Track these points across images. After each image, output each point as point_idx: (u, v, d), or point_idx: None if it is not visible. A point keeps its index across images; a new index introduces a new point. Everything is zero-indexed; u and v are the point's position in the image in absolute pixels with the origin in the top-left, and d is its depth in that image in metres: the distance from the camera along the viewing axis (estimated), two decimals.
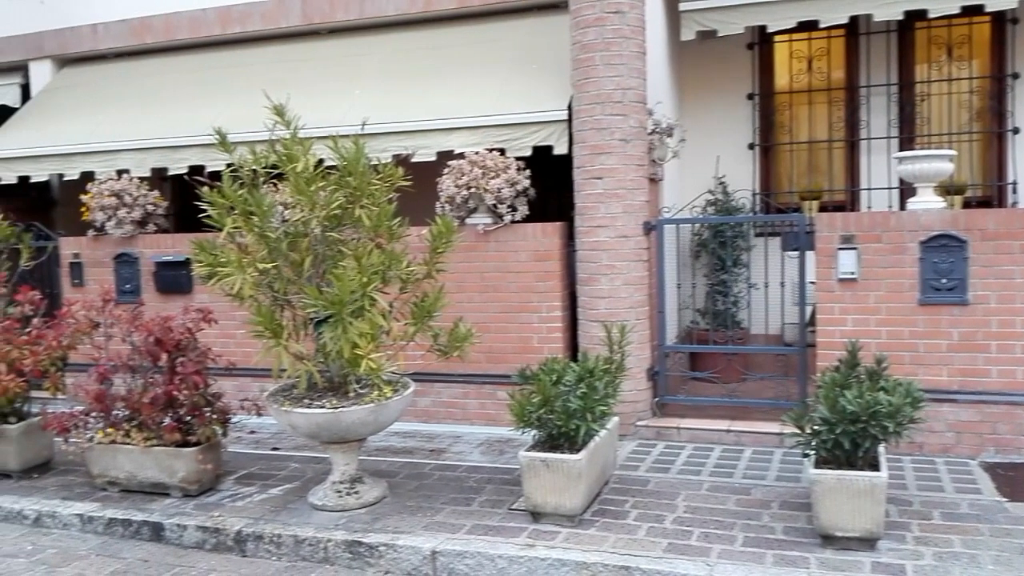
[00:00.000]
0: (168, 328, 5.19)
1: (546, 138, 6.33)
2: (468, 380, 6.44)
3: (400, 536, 4.45)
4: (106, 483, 5.36)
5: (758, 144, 7.86)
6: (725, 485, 5.04)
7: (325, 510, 4.87)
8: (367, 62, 7.60)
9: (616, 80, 5.76)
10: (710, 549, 4.16)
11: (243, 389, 6.40)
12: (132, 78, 8.43)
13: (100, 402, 5.29)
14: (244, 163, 4.82)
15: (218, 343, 6.01)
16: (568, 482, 4.39)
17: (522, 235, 6.28)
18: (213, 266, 4.58)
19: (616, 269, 5.82)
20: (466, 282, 6.28)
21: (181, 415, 5.20)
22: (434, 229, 5.02)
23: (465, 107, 6.65)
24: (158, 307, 6.72)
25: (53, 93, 8.68)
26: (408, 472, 5.52)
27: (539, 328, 6.28)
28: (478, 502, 4.91)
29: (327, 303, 4.45)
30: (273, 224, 4.74)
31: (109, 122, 7.87)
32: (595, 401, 4.48)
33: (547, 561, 4.11)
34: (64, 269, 7.64)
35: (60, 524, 5.11)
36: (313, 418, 4.70)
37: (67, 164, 7.81)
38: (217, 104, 7.45)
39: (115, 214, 7.24)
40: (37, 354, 5.61)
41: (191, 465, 5.15)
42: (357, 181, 4.68)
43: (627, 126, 5.78)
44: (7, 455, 5.70)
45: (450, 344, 5.09)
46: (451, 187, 6.25)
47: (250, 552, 4.63)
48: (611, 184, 5.78)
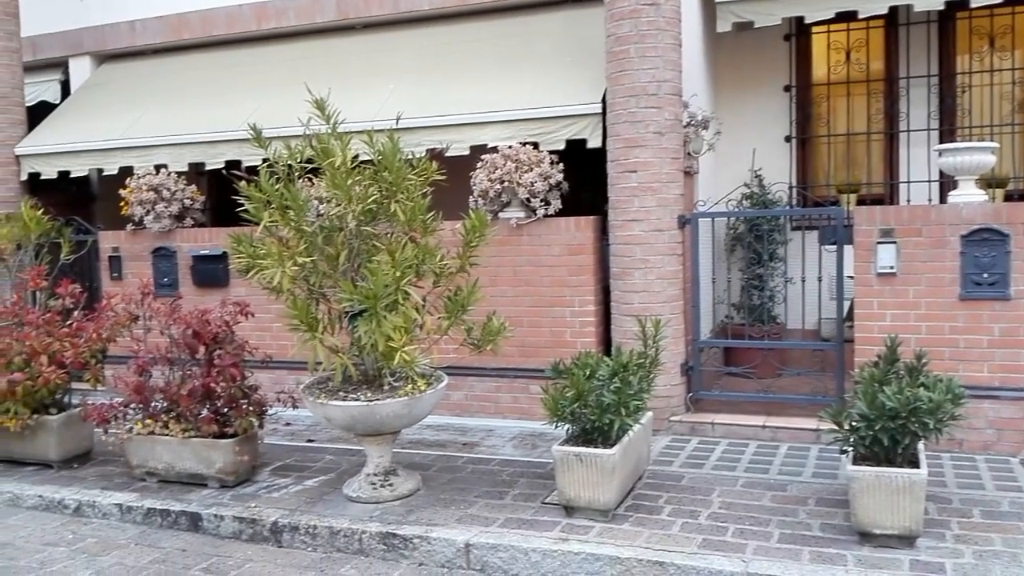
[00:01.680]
0: (206, 321, 5.25)
1: (580, 132, 6.30)
2: (501, 374, 6.45)
3: (434, 528, 4.47)
4: (144, 473, 5.45)
5: (795, 137, 7.77)
6: (760, 481, 4.99)
7: (360, 502, 4.91)
8: (401, 57, 7.62)
9: (651, 73, 5.72)
10: (745, 545, 4.13)
11: (279, 382, 6.46)
12: (169, 74, 8.54)
13: (139, 394, 5.37)
14: (280, 158, 4.87)
15: (254, 336, 6.08)
16: (602, 477, 4.38)
17: (555, 229, 6.27)
18: (252, 259, 4.63)
19: (650, 263, 5.78)
20: (499, 276, 6.28)
21: (218, 407, 5.27)
22: (467, 223, 5.02)
23: (498, 101, 6.64)
24: (195, 300, 6.80)
25: (92, 89, 8.81)
26: (441, 465, 5.54)
27: (572, 322, 6.27)
28: (511, 496, 4.92)
29: (362, 297, 4.47)
30: (309, 218, 4.77)
31: (147, 118, 7.97)
32: (629, 396, 4.46)
33: (580, 555, 4.10)
34: (103, 263, 7.77)
35: (100, 513, 5.20)
36: (348, 410, 4.74)
37: (106, 159, 7.93)
38: (253, 99, 7.52)
39: (153, 208, 7.34)
40: (78, 346, 5.71)
41: (228, 456, 5.21)
42: (392, 176, 4.70)
43: (662, 119, 5.73)
44: (48, 445, 5.81)
45: (483, 338, 5.10)
46: (484, 181, 6.25)
47: (286, 543, 4.68)
48: (645, 177, 5.74)
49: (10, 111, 8.24)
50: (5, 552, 4.74)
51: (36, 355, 5.58)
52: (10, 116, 8.24)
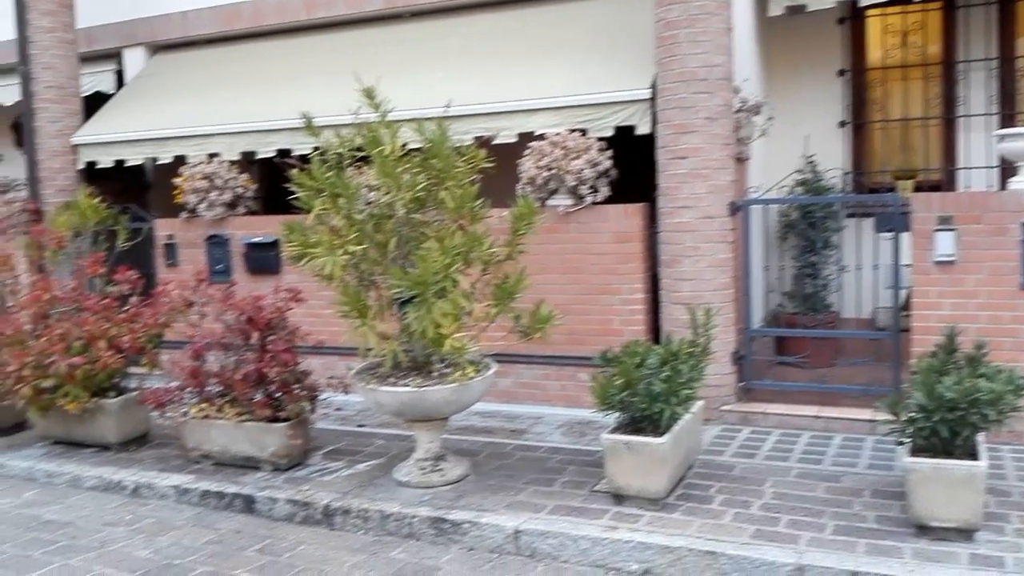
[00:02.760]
0: (259, 307, 5.33)
1: (628, 118, 6.24)
2: (549, 362, 6.44)
3: (483, 514, 4.49)
4: (200, 456, 5.56)
5: (849, 122, 7.61)
6: (814, 472, 4.92)
7: (410, 486, 4.95)
8: (449, 44, 7.62)
9: (701, 57, 5.64)
10: (799, 536, 4.08)
11: (329, 367, 6.53)
12: (221, 64, 8.65)
13: (194, 378, 5.47)
14: (330, 146, 4.90)
15: (305, 322, 6.13)
16: (652, 465, 4.36)
17: (603, 216, 6.23)
18: (303, 247, 4.68)
19: (700, 251, 5.72)
20: (547, 264, 6.26)
21: (271, 391, 5.35)
22: (515, 211, 5.01)
23: (546, 88, 6.61)
24: (248, 287, 6.89)
25: (146, 79, 8.96)
26: (490, 451, 5.56)
27: (620, 310, 6.23)
28: (560, 483, 4.92)
29: (411, 284, 4.50)
30: (359, 206, 4.81)
31: (200, 107, 8.09)
32: (679, 384, 4.43)
33: (631, 544, 4.09)
34: (158, 250, 7.91)
35: (157, 495, 5.32)
36: (398, 396, 4.78)
37: (160, 148, 8.06)
38: (303, 88, 7.58)
39: (207, 197, 7.45)
40: (135, 331, 5.84)
41: (281, 440, 5.29)
42: (441, 163, 4.71)
43: (713, 104, 5.66)
44: (107, 428, 5.95)
45: (532, 325, 5.09)
46: (532, 168, 6.23)
47: (338, 526, 4.74)
48: (696, 164, 5.67)
49: (67, 101, 8.42)
50: (67, 531, 4.88)
51: (95, 340, 5.71)
52: (67, 106, 8.42)
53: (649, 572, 4.04)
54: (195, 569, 4.32)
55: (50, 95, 8.28)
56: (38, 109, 8.27)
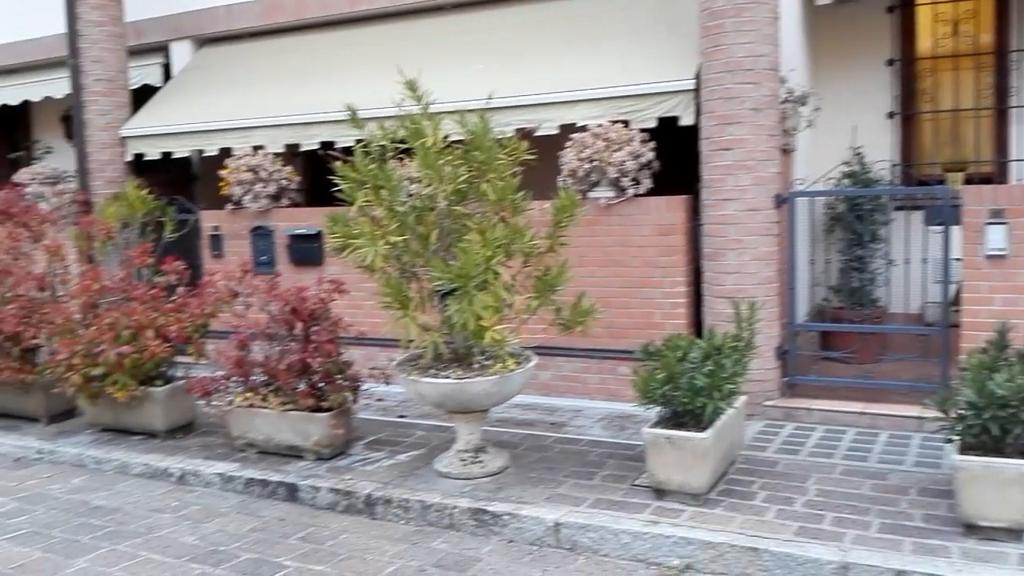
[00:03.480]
0: (303, 298, 5.39)
1: (672, 109, 6.18)
2: (589, 355, 6.42)
3: (523, 506, 4.50)
4: (244, 444, 5.63)
5: (898, 113, 7.45)
6: (859, 469, 4.85)
7: (450, 477, 4.97)
8: (490, 36, 7.61)
9: (747, 47, 5.56)
10: (844, 534, 4.02)
11: (371, 358, 6.58)
12: (265, 56, 8.73)
13: (240, 367, 5.54)
14: (373, 138, 4.93)
15: (347, 313, 6.18)
16: (694, 460, 4.33)
17: (645, 209, 6.18)
18: (346, 238, 4.71)
19: (744, 244, 5.65)
20: (587, 256, 6.23)
21: (315, 381, 5.40)
22: (557, 203, 5.00)
23: (588, 79, 6.57)
24: (292, 278, 6.97)
25: (192, 72, 9.09)
26: (530, 444, 5.56)
27: (661, 303, 6.19)
28: (600, 476, 4.90)
29: (453, 276, 4.51)
30: (401, 198, 4.83)
31: (245, 100, 8.18)
32: (722, 379, 4.38)
33: (672, 539, 4.07)
34: (204, 241, 8.02)
35: (202, 482, 5.41)
36: (439, 388, 4.80)
37: (206, 140, 8.18)
38: (345, 81, 7.63)
39: (251, 188, 7.54)
40: (182, 321, 5.94)
41: (324, 430, 5.34)
42: (483, 155, 4.71)
43: (758, 95, 5.57)
44: (154, 416, 6.06)
45: (572, 318, 5.08)
46: (573, 160, 6.21)
47: (379, 515, 4.78)
48: (740, 155, 5.60)
49: (116, 94, 8.57)
50: (115, 517, 4.98)
51: (143, 329, 5.81)
52: (115, 99, 8.57)
53: (691, 567, 4.01)
54: (240, 556, 4.38)
55: (99, 88, 8.43)
56: (87, 102, 8.42)
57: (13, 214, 6.82)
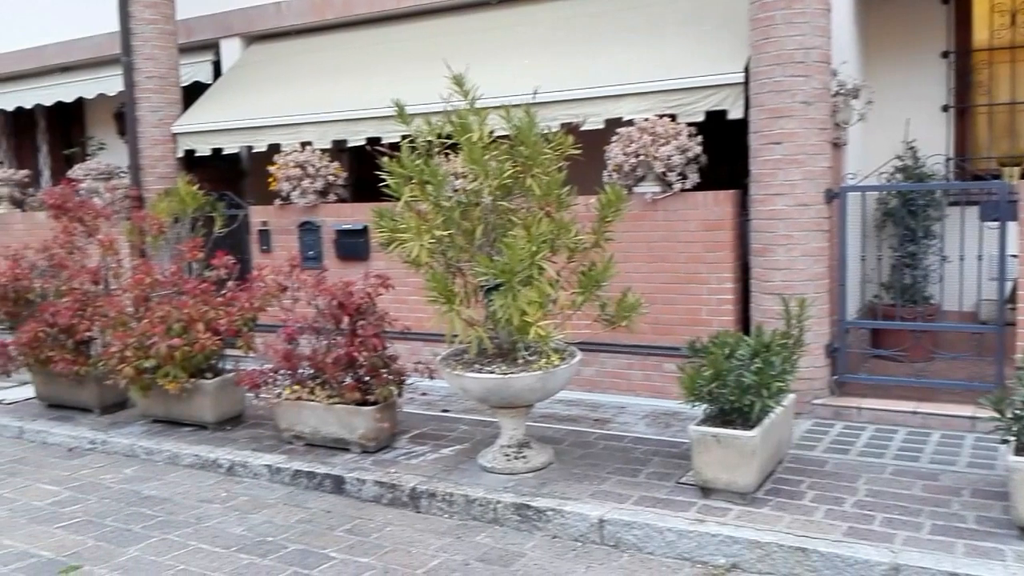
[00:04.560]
0: (349, 293, 5.43)
1: (720, 102, 6.10)
2: (633, 351, 6.38)
3: (567, 502, 4.48)
4: (292, 437, 5.70)
5: (953, 106, 7.27)
6: (910, 469, 4.75)
7: (494, 472, 4.98)
8: (536, 30, 7.58)
9: (798, 39, 5.47)
10: (894, 535, 3.94)
11: (415, 352, 6.62)
12: (313, 53, 8.81)
13: (288, 361, 5.61)
14: (419, 133, 4.94)
15: (392, 308, 6.23)
16: (741, 459, 4.27)
17: (692, 204, 6.12)
18: (393, 233, 4.74)
19: (794, 239, 5.56)
20: (633, 252, 6.18)
21: (360, 375, 5.45)
22: (603, 198, 4.97)
23: (635, 72, 6.51)
24: (338, 273, 7.03)
25: (241, 69, 9.21)
26: (573, 440, 5.55)
27: (708, 300, 6.12)
28: (645, 473, 4.87)
29: (497, 271, 4.51)
30: (446, 193, 4.84)
31: (293, 96, 8.26)
32: (771, 377, 4.32)
33: (718, 538, 4.03)
34: (253, 236, 8.13)
35: (251, 474, 5.49)
36: (483, 383, 4.80)
37: (255, 137, 8.28)
38: (392, 77, 7.66)
39: (299, 184, 7.62)
40: (231, 315, 6.02)
41: (370, 423, 5.39)
42: (529, 150, 4.69)
43: (809, 88, 5.48)
44: (204, 408, 6.16)
45: (617, 314, 5.05)
46: (619, 155, 6.16)
47: (423, 508, 4.81)
48: (790, 149, 5.51)
49: (167, 91, 8.72)
50: (165, 507, 5.08)
51: (193, 322, 5.91)
52: (167, 96, 8.72)
53: (737, 567, 3.97)
54: (287, 547, 4.44)
55: (151, 85, 8.58)
56: (140, 99, 8.58)
57: (68, 209, 6.97)
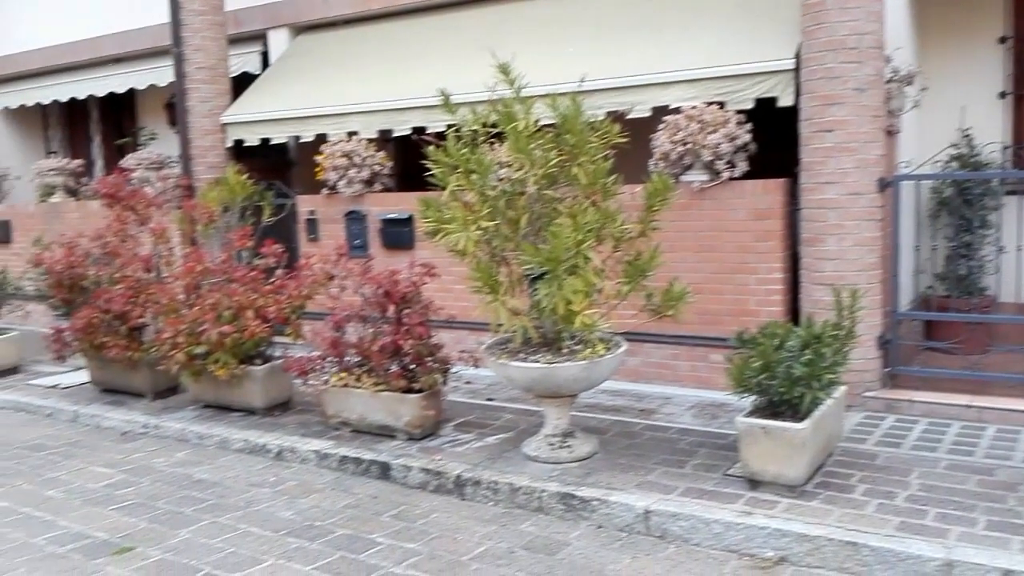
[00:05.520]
0: (395, 281, 5.47)
1: (770, 89, 6.00)
2: (679, 341, 6.32)
3: (612, 492, 4.47)
4: (339, 423, 5.76)
5: (1010, 92, 7.05)
6: (964, 464, 4.64)
7: (538, 461, 4.98)
8: (582, 18, 7.53)
9: (850, 25, 5.35)
10: (948, 531, 3.86)
11: (459, 341, 6.64)
12: (359, 43, 8.86)
13: (335, 348, 5.67)
14: (465, 123, 4.94)
15: (437, 296, 6.26)
16: (790, 451, 4.22)
17: (740, 192, 6.04)
18: (438, 223, 4.75)
19: (845, 229, 5.45)
20: (679, 241, 6.12)
21: (406, 363, 5.48)
22: (649, 187, 4.94)
23: (683, 59, 6.43)
24: (384, 261, 7.08)
25: (289, 60, 9.29)
26: (618, 430, 5.53)
27: (756, 290, 6.04)
28: (691, 465, 4.83)
29: (543, 260, 4.50)
30: (492, 182, 4.83)
31: (340, 86, 8.32)
32: (822, 368, 4.25)
33: (766, 530, 3.98)
34: (301, 225, 8.22)
35: (299, 459, 5.56)
36: (528, 372, 4.80)
37: (303, 127, 8.35)
38: (438, 66, 7.67)
39: (346, 174, 7.68)
40: (280, 302, 6.10)
41: (415, 410, 5.42)
42: (575, 139, 4.67)
43: (862, 74, 5.36)
44: (253, 393, 6.26)
45: (664, 304, 5.01)
46: (666, 143, 6.10)
47: (468, 496, 4.83)
48: (842, 137, 5.40)
49: (217, 82, 8.82)
50: (216, 490, 5.17)
51: (243, 310, 6.00)
52: (217, 87, 8.82)
53: (785, 560, 3.92)
54: (335, 531, 4.49)
55: (201, 76, 8.69)
56: (190, 89, 8.70)
57: (121, 198, 7.11)
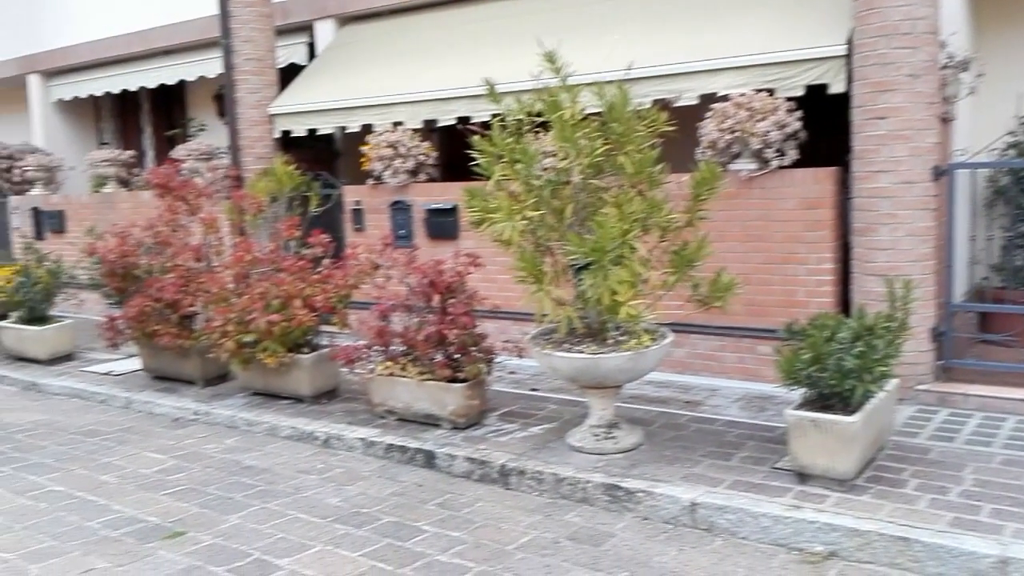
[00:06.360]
0: (440, 271, 5.49)
1: (821, 76, 5.89)
2: (726, 333, 6.25)
3: (658, 484, 4.44)
4: (384, 411, 5.81)
5: None
6: (1020, 459, 4.53)
7: (583, 452, 4.97)
8: (625, 5, 7.46)
9: (904, 10, 5.23)
10: (1003, 527, 3.77)
11: (503, 331, 6.65)
12: (405, 34, 8.88)
13: (381, 337, 5.71)
14: (510, 112, 4.93)
15: (481, 286, 6.28)
16: (840, 444, 4.15)
17: (790, 181, 5.94)
18: (484, 212, 4.75)
19: (898, 218, 5.34)
20: (726, 231, 6.05)
21: (451, 353, 5.50)
22: (697, 176, 4.88)
23: (731, 46, 6.34)
24: (428, 251, 7.11)
25: (335, 50, 9.35)
26: (664, 422, 5.49)
27: (806, 281, 5.95)
28: (738, 458, 4.78)
29: (588, 250, 4.47)
30: (537, 172, 4.82)
31: (385, 77, 8.36)
32: (874, 361, 4.17)
33: (815, 524, 3.92)
34: (346, 215, 8.29)
35: (345, 446, 5.62)
36: (573, 362, 4.79)
37: (349, 117, 8.41)
38: (483, 55, 7.67)
39: (391, 164, 7.71)
40: (327, 292, 6.17)
41: (460, 400, 5.45)
42: (621, 127, 4.63)
43: (916, 60, 5.24)
44: (301, 381, 6.33)
45: (711, 294, 4.96)
46: (714, 131, 6.03)
47: (513, 485, 4.84)
48: (896, 125, 5.28)
49: (264, 73, 8.92)
50: (265, 477, 5.24)
51: (291, 299, 6.07)
52: (264, 78, 8.92)
53: (835, 555, 3.86)
54: (381, 519, 4.53)
55: (249, 67, 8.79)
56: (238, 81, 8.80)
57: (172, 188, 7.22)
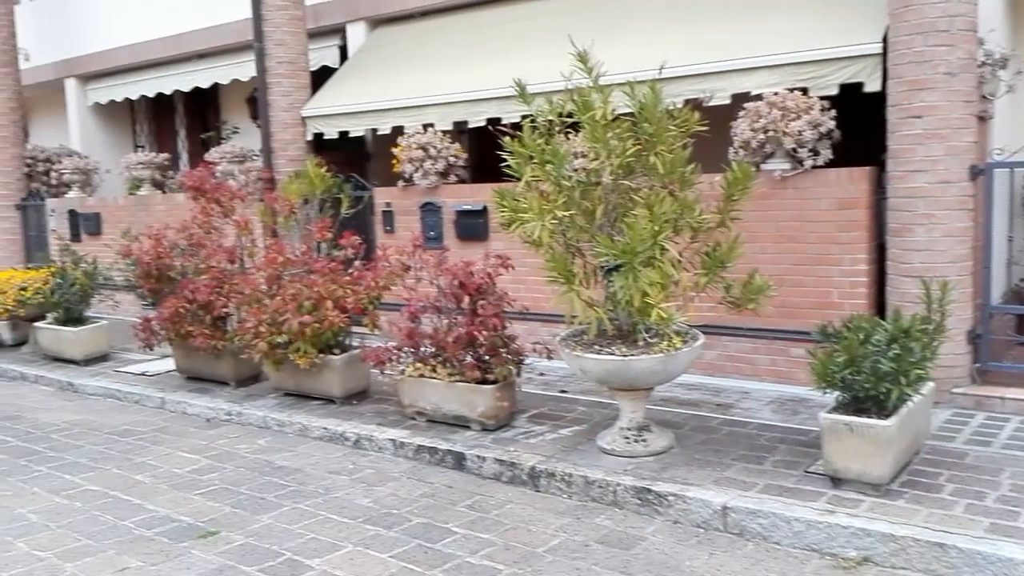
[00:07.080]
0: (470, 273, 5.49)
1: (855, 74, 5.81)
2: (758, 335, 6.19)
3: (689, 488, 4.40)
4: (414, 413, 5.83)
5: None
6: None
7: (613, 454, 4.94)
8: (657, 5, 7.42)
9: (941, 7, 5.14)
10: None
11: (532, 333, 6.64)
12: (435, 35, 8.91)
13: (411, 339, 5.73)
14: (540, 113, 4.91)
15: (510, 288, 6.27)
16: (875, 448, 4.08)
17: (824, 181, 5.86)
18: (514, 213, 4.74)
19: (935, 219, 5.25)
20: (759, 232, 5.98)
21: (480, 354, 5.50)
22: (729, 176, 4.84)
23: (764, 45, 6.28)
24: (458, 253, 7.12)
25: (367, 53, 9.41)
26: (694, 424, 5.44)
27: (840, 282, 5.87)
28: (770, 461, 4.73)
29: (618, 251, 4.45)
30: (567, 172, 4.80)
31: (416, 78, 8.39)
32: (910, 364, 4.10)
33: (849, 529, 3.86)
34: (377, 217, 8.32)
35: (376, 447, 5.64)
36: (603, 364, 4.76)
37: (380, 119, 8.45)
38: (513, 56, 7.66)
39: (421, 166, 7.73)
40: (358, 293, 6.20)
41: (489, 401, 5.44)
42: (653, 127, 4.60)
43: (953, 58, 5.15)
44: (332, 382, 6.37)
45: (743, 296, 4.91)
46: (746, 131, 5.97)
47: (542, 488, 4.82)
48: (932, 123, 5.20)
49: (297, 76, 9.00)
50: (296, 477, 5.28)
51: (323, 300, 6.10)
52: (297, 80, 9.00)
53: (869, 560, 3.80)
54: (411, 520, 4.54)
55: (282, 70, 8.88)
56: (271, 84, 8.89)
57: (206, 190, 7.31)
